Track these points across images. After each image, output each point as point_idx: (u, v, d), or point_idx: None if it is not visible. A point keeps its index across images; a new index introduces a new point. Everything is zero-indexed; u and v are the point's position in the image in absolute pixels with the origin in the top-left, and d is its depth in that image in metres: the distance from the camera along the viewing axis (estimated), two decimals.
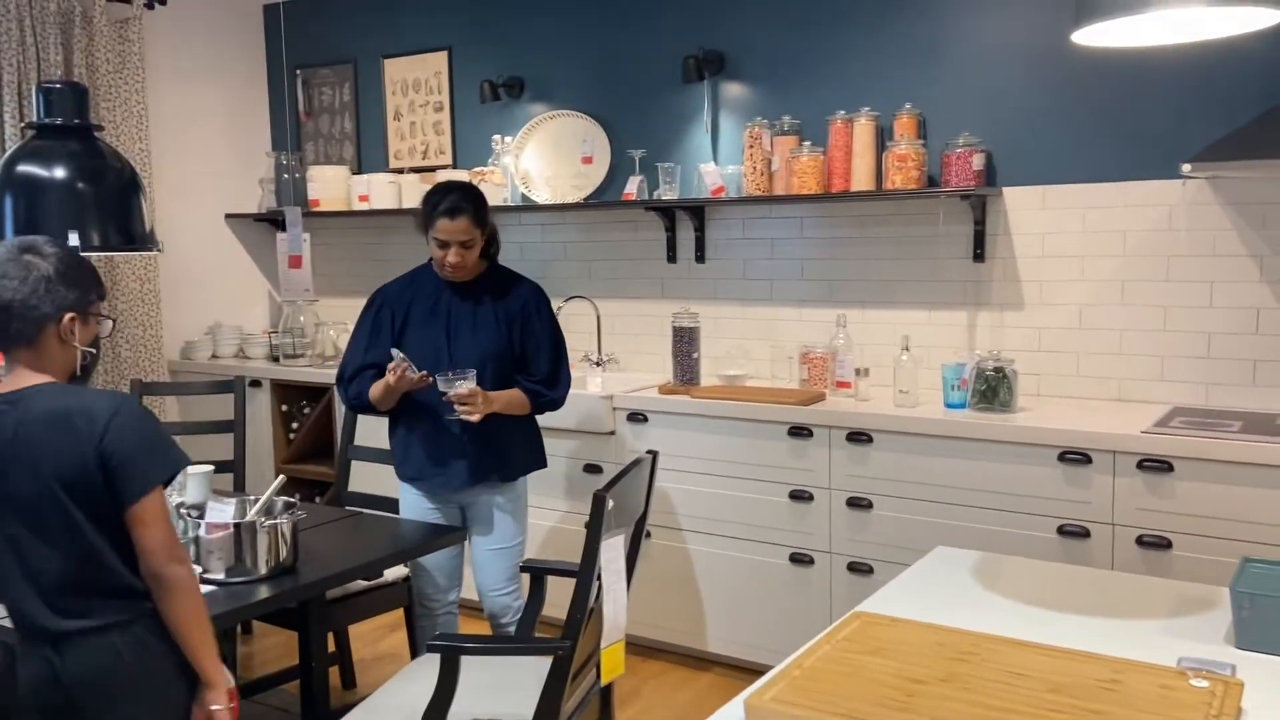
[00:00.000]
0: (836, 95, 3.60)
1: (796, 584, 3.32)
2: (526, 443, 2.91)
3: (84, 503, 1.71)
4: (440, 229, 2.70)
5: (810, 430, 3.25)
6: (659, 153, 3.98)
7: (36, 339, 1.75)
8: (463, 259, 2.74)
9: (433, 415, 2.74)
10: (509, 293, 2.86)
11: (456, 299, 2.82)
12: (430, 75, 4.60)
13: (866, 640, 1.54)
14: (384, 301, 2.86)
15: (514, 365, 2.84)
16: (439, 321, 2.80)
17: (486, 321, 2.81)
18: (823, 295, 3.74)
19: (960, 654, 1.49)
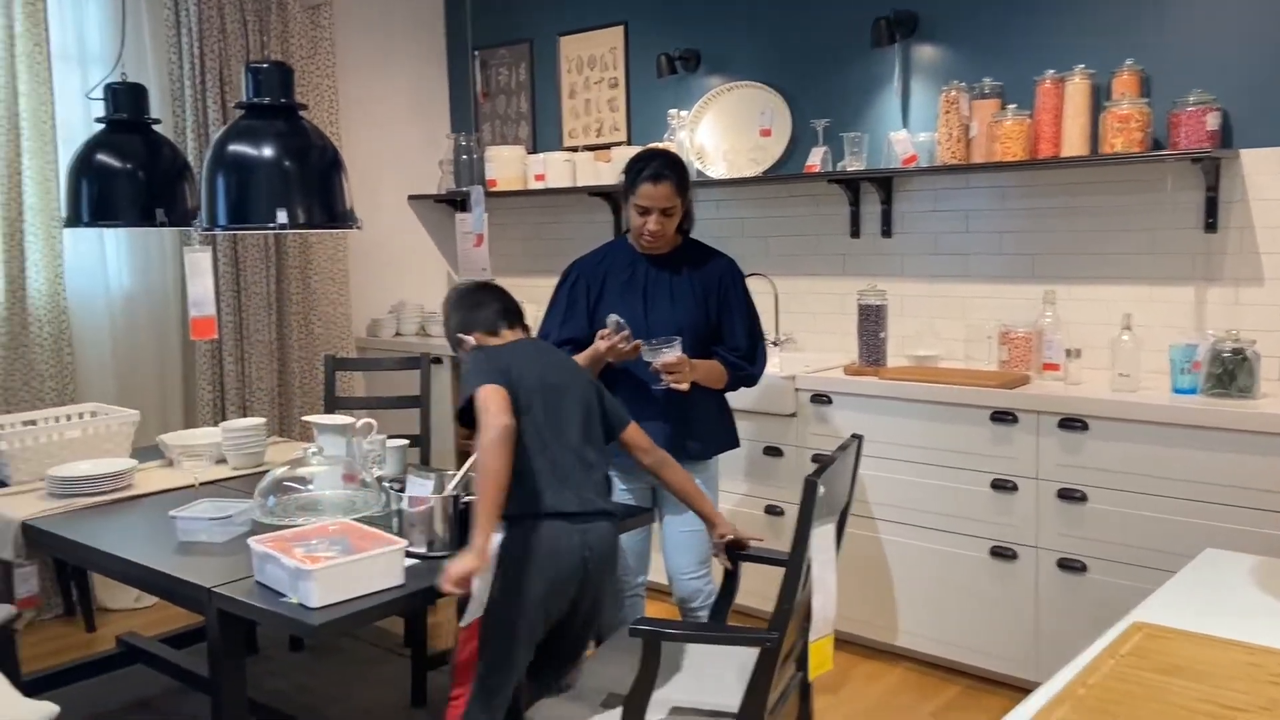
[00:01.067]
0: (1045, 54, 3.33)
1: (997, 579, 3.11)
2: (721, 421, 2.83)
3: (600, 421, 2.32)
4: (643, 194, 2.65)
5: (1015, 415, 3.02)
6: (844, 122, 3.80)
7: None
8: (662, 227, 2.67)
9: (629, 390, 2.67)
10: (705, 266, 2.79)
11: (653, 270, 2.76)
12: (605, 51, 4.55)
13: (1156, 656, 1.35)
14: (579, 274, 2.81)
15: (711, 339, 2.77)
16: (635, 292, 2.74)
17: (683, 293, 2.75)
18: (1024, 271, 3.48)
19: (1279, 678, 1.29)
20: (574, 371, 2.36)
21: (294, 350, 4.49)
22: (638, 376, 2.66)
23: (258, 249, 4.30)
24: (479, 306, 2.37)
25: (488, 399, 2.08)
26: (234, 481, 2.86)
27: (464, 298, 2.40)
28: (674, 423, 2.70)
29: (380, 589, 2.01)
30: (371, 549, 2.03)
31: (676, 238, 2.79)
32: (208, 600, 2.07)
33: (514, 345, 2.31)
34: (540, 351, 2.35)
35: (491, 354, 2.26)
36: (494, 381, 2.12)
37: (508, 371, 2.17)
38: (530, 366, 2.23)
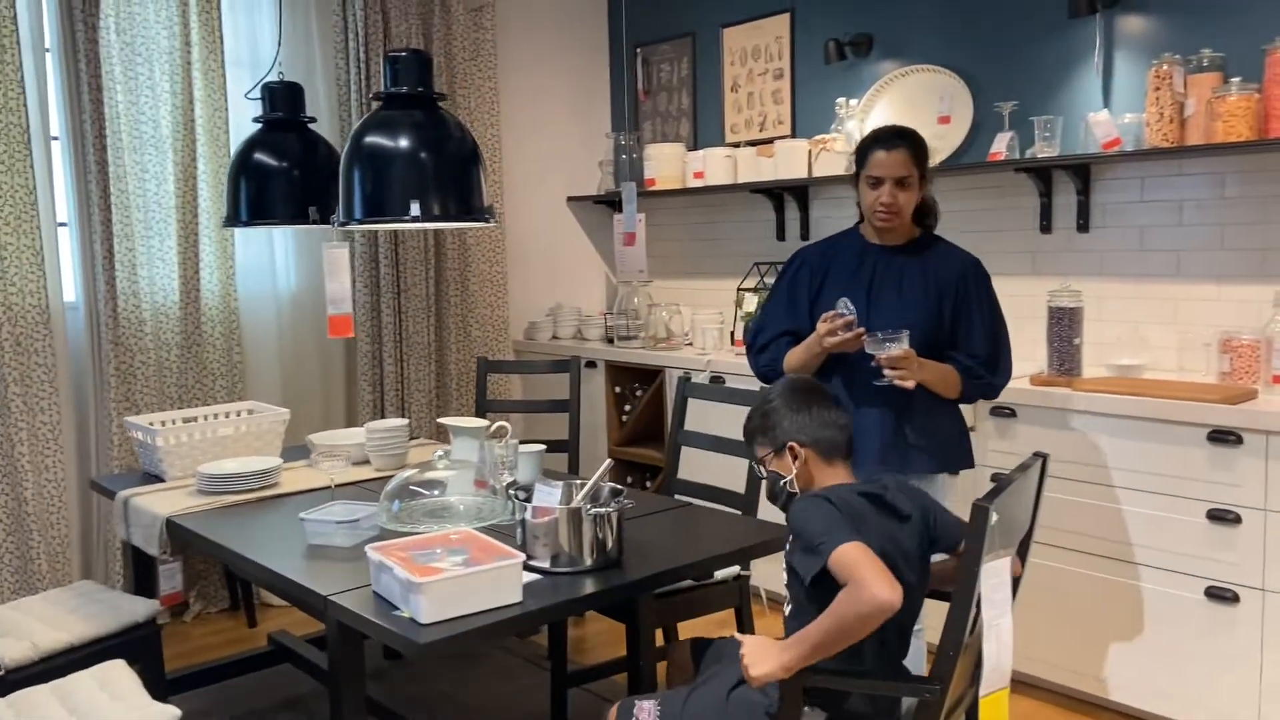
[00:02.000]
0: (1274, 18, 2.86)
1: (1215, 624, 2.67)
2: (953, 434, 2.55)
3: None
4: (874, 163, 2.45)
5: (1238, 435, 2.58)
6: (1033, 105, 3.41)
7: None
8: (896, 200, 2.44)
9: (850, 390, 2.48)
10: (943, 262, 2.54)
11: (882, 263, 2.53)
12: (770, 41, 4.31)
13: None
14: (803, 262, 2.63)
15: (944, 343, 2.51)
16: (860, 284, 2.51)
17: (914, 289, 2.50)
18: (1251, 269, 3.00)
19: None
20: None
21: (451, 353, 4.48)
22: (860, 368, 2.43)
23: (417, 251, 4.31)
24: (825, 424, 1.96)
25: (861, 561, 1.68)
26: (374, 483, 2.80)
27: (803, 398, 1.99)
28: (896, 427, 2.46)
29: (496, 605, 1.86)
30: (489, 562, 1.88)
31: (914, 228, 2.57)
32: (324, 608, 1.98)
33: (859, 495, 1.88)
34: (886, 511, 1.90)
35: (840, 498, 1.85)
36: (858, 540, 1.73)
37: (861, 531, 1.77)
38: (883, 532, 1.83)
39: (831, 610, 1.69)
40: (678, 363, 4.08)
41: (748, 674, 1.75)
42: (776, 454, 1.98)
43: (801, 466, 1.95)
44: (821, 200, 4.18)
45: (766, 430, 2.00)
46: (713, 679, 1.97)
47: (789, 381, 2.06)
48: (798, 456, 1.95)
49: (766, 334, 2.63)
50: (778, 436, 1.98)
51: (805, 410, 1.97)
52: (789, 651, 1.72)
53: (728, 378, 3.80)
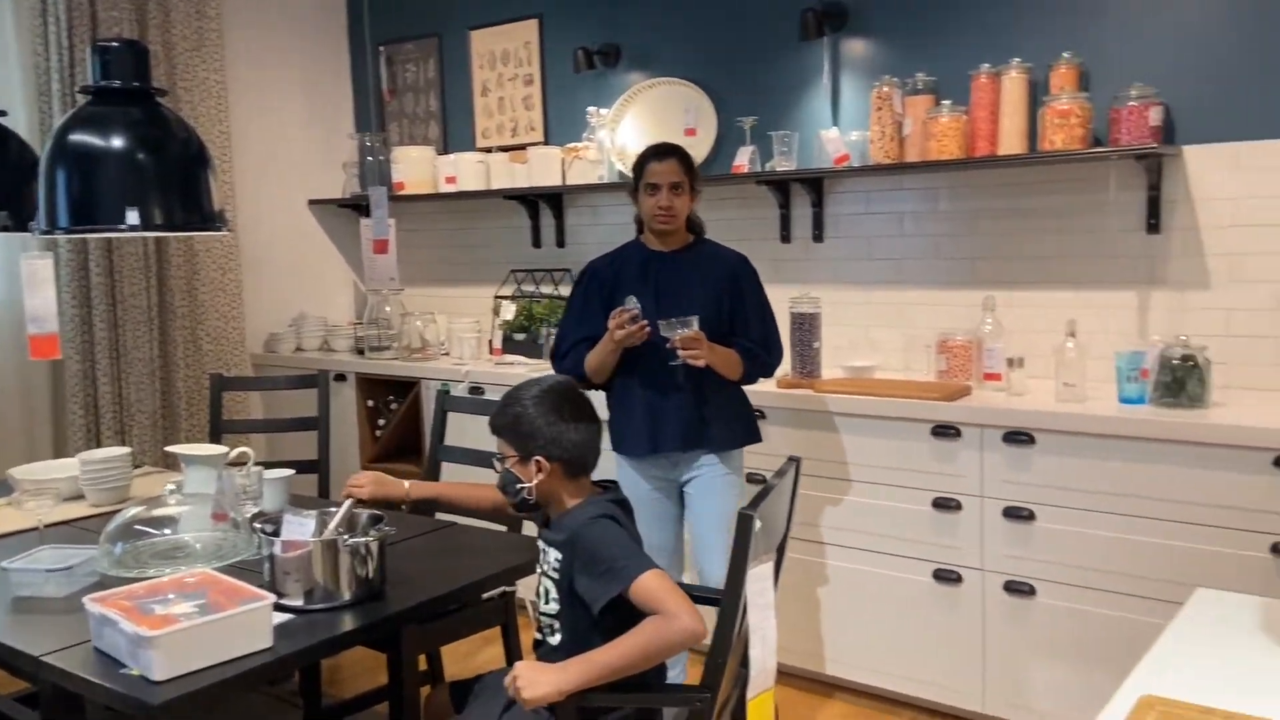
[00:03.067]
0: (979, 47, 3.16)
1: (942, 605, 2.91)
2: (742, 412, 2.82)
3: None
4: (650, 172, 2.70)
5: (958, 429, 2.83)
6: (772, 120, 3.59)
7: None
8: (673, 204, 2.70)
9: (648, 380, 2.71)
10: (718, 261, 2.81)
11: (666, 265, 2.77)
12: (520, 46, 4.28)
13: None
14: (593, 274, 2.85)
15: (725, 332, 2.75)
16: (649, 287, 2.74)
17: (696, 288, 2.75)
18: (963, 276, 3.31)
19: None
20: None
21: (179, 369, 4.11)
22: (657, 359, 2.65)
23: (135, 258, 3.92)
24: (578, 442, 1.90)
25: (670, 590, 1.70)
26: (92, 522, 2.50)
27: (559, 407, 1.92)
28: (694, 411, 2.70)
29: (243, 654, 1.70)
30: (232, 607, 1.72)
31: (688, 235, 2.82)
32: (35, 671, 1.74)
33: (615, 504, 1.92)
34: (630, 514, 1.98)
35: (622, 518, 1.87)
36: (657, 568, 1.75)
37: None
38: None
39: (637, 638, 1.68)
40: (434, 374, 3.96)
41: (520, 696, 1.70)
42: (521, 460, 1.91)
43: (545, 479, 1.90)
44: (577, 208, 4.20)
45: (516, 434, 1.92)
46: (480, 708, 1.91)
47: (547, 386, 1.96)
48: (543, 470, 1.90)
49: (566, 342, 2.82)
50: (526, 446, 1.90)
51: (559, 422, 1.90)
52: (568, 674, 1.69)
53: (487, 388, 3.73)
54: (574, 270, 4.19)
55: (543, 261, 4.29)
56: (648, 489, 2.77)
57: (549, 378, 2.01)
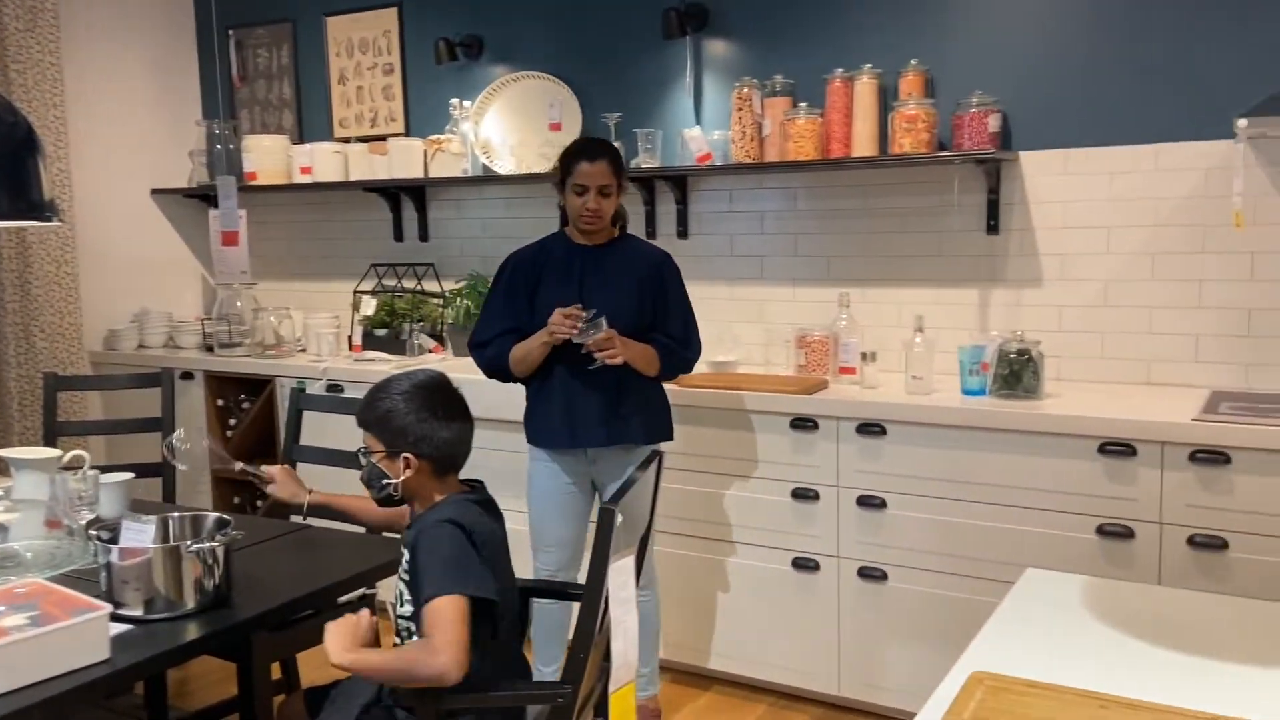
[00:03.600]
0: (833, 52, 3.27)
1: (801, 592, 3.00)
2: (660, 407, 2.83)
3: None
4: (580, 173, 2.65)
5: (815, 422, 2.93)
6: (636, 118, 3.62)
7: None
8: (600, 207, 2.67)
9: (568, 374, 2.69)
10: (641, 258, 2.80)
11: (590, 262, 2.75)
12: (379, 34, 4.18)
13: (1007, 717, 1.19)
14: (515, 265, 2.80)
15: (646, 327, 2.75)
16: (572, 282, 2.72)
17: (619, 283, 2.73)
18: (819, 273, 3.41)
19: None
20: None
21: (11, 368, 3.85)
22: (577, 352, 2.63)
23: None
24: (450, 441, 1.87)
25: (451, 624, 1.66)
26: None
27: (431, 403, 1.87)
28: (612, 406, 2.70)
29: (78, 667, 1.61)
30: (65, 618, 1.62)
31: (613, 230, 2.80)
32: None
33: (475, 505, 1.87)
34: (493, 513, 1.94)
35: (471, 522, 1.80)
36: (473, 592, 1.71)
37: (491, 571, 1.77)
38: (498, 549, 1.87)
39: (399, 657, 1.71)
40: (290, 371, 3.83)
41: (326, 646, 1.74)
42: (389, 456, 1.87)
43: (412, 475, 1.87)
44: (440, 201, 4.13)
45: (385, 429, 1.87)
46: (335, 714, 1.86)
47: (419, 381, 1.90)
48: (411, 467, 1.86)
49: (489, 331, 2.78)
50: (395, 442, 1.86)
51: (431, 419, 1.85)
52: (346, 657, 1.71)
53: (347, 386, 3.63)
54: (438, 264, 4.13)
55: (405, 256, 4.20)
56: (563, 482, 2.77)
57: (420, 372, 1.95)
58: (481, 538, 1.80)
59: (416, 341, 3.87)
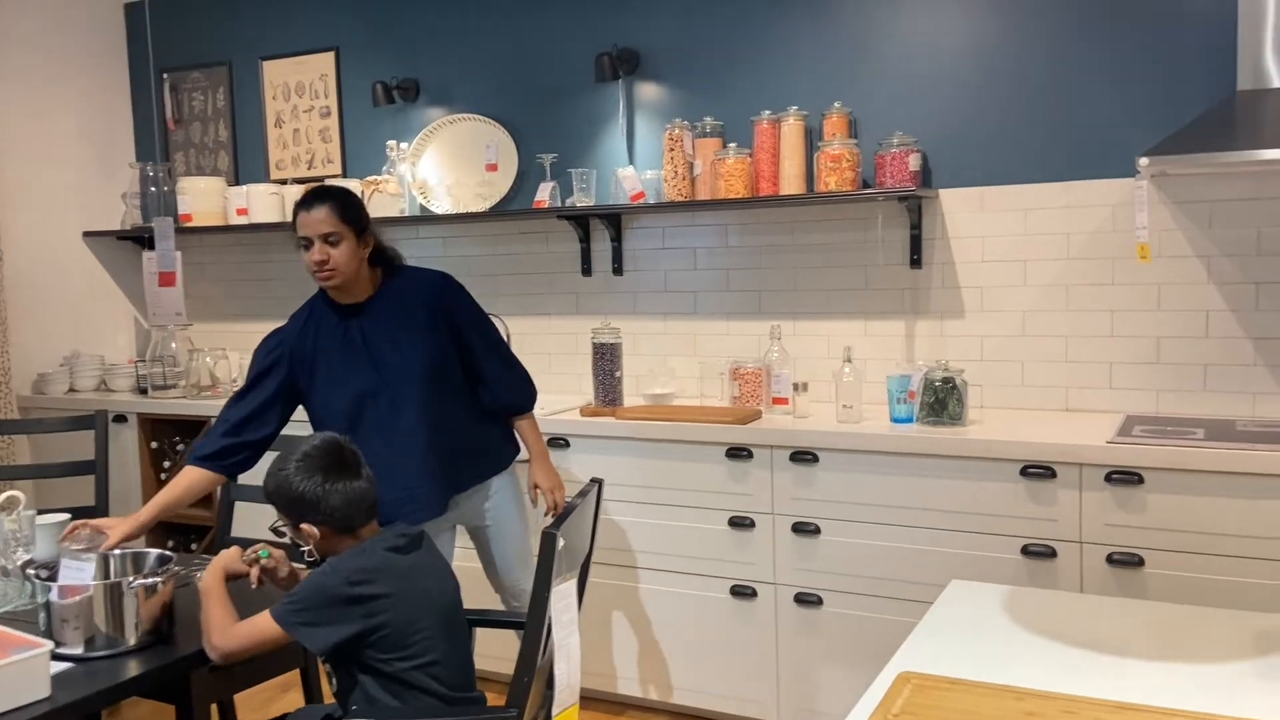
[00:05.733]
0: (761, 94, 3.40)
1: (739, 619, 3.06)
2: (494, 437, 2.66)
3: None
4: (300, 224, 2.40)
5: (750, 451, 3.00)
6: (571, 158, 3.70)
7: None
8: (329, 257, 2.37)
9: (393, 444, 2.45)
10: (416, 292, 2.53)
11: (366, 321, 2.48)
12: (315, 78, 4.22)
13: (931, 712, 1.26)
14: (279, 345, 2.50)
15: (461, 365, 2.57)
16: (358, 356, 2.45)
17: (409, 333, 2.48)
18: (751, 307, 3.52)
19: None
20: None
21: None
22: (394, 424, 2.45)
23: None
24: (344, 501, 1.91)
25: (258, 638, 1.84)
26: None
27: (321, 469, 1.91)
28: (448, 458, 2.51)
29: (19, 705, 1.60)
30: (5, 656, 1.61)
31: (375, 274, 2.52)
32: None
33: (395, 551, 1.93)
34: (425, 549, 2.01)
35: (367, 570, 1.86)
36: (291, 633, 1.82)
37: (377, 608, 1.83)
38: (417, 584, 1.91)
39: (215, 613, 1.88)
40: None
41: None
42: (294, 526, 1.94)
43: (320, 540, 1.93)
44: None
45: (282, 502, 1.94)
46: None
47: (309, 449, 1.95)
48: (314, 535, 1.93)
49: (222, 415, 2.50)
50: (293, 513, 1.93)
51: (321, 486, 1.90)
52: (207, 584, 1.93)
53: None
54: None
55: None
56: (445, 538, 2.58)
57: (313, 438, 1.99)
58: (378, 575, 1.85)
59: None
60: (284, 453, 1.96)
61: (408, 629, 1.85)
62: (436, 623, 1.89)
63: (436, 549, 2.05)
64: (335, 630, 1.81)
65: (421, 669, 1.83)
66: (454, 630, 1.95)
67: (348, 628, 1.81)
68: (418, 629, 1.86)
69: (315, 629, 1.81)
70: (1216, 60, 2.83)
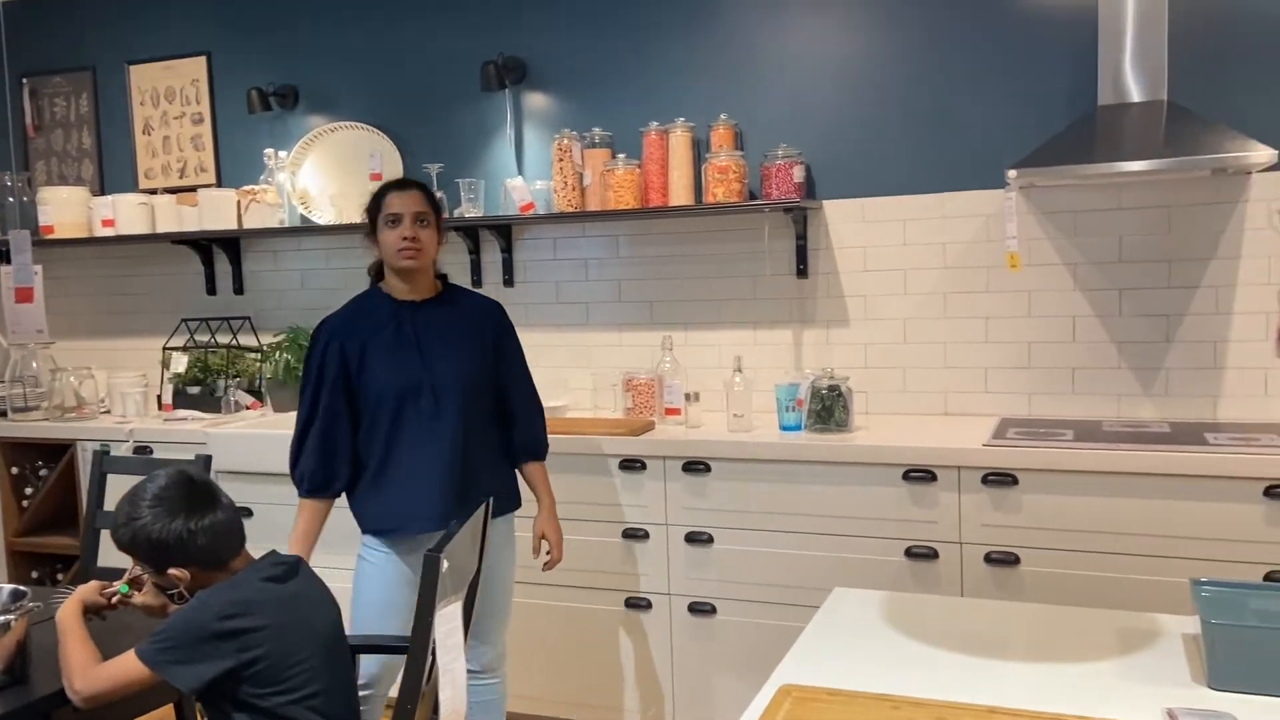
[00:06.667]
0: (649, 106, 3.41)
1: (634, 631, 3.04)
2: (513, 481, 2.58)
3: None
4: (391, 202, 2.39)
5: (643, 462, 3.00)
6: (459, 168, 3.65)
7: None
8: (419, 237, 2.38)
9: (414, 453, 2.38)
10: (474, 310, 2.53)
11: (420, 317, 2.43)
12: (187, 84, 4.05)
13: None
14: (329, 339, 2.40)
15: (496, 387, 2.53)
16: (408, 347, 2.39)
17: (460, 340, 2.45)
18: (643, 317, 3.52)
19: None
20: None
21: None
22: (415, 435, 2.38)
23: None
24: (205, 544, 1.81)
25: (122, 679, 1.74)
26: None
27: (173, 510, 1.81)
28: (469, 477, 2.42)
29: None
30: None
31: (437, 283, 2.51)
32: None
33: (269, 581, 1.83)
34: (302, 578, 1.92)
35: (238, 604, 1.76)
36: (155, 671, 1.72)
37: (252, 641, 1.74)
38: (295, 614, 1.82)
39: (73, 652, 1.78)
40: (92, 434, 3.60)
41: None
42: (158, 572, 1.84)
43: (190, 580, 1.84)
44: (256, 253, 4.02)
45: (139, 550, 1.82)
46: None
47: (158, 489, 1.83)
48: (182, 579, 1.83)
49: (311, 440, 2.39)
50: (156, 560, 1.82)
51: (181, 527, 1.80)
52: (63, 619, 1.85)
53: (155, 447, 3.45)
54: (255, 318, 4.00)
55: (219, 309, 4.05)
56: (407, 578, 2.38)
57: (160, 475, 1.88)
58: (253, 607, 1.77)
59: (233, 398, 3.73)
60: (129, 497, 1.84)
61: (286, 662, 1.78)
62: (318, 653, 1.82)
63: (315, 575, 1.97)
64: (207, 667, 1.73)
65: (301, 703, 1.76)
66: (336, 659, 1.88)
67: (220, 664, 1.73)
68: (297, 661, 1.79)
69: (185, 667, 1.72)
70: (1080, 76, 2.96)
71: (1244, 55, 2.82)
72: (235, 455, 3.31)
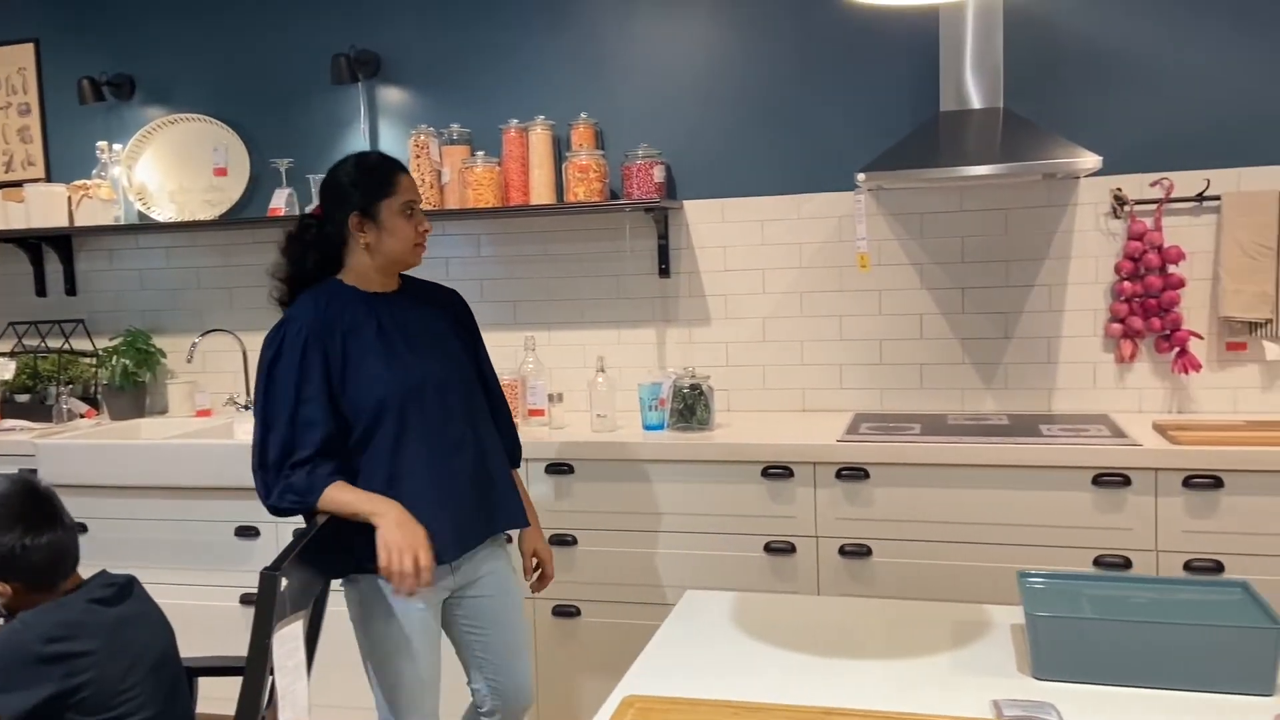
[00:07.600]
0: (508, 103, 3.37)
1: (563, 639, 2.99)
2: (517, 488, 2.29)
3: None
4: (405, 187, 2.06)
5: None
6: (310, 163, 3.51)
7: None
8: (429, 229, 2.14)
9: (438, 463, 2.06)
10: (442, 299, 2.26)
11: (397, 311, 2.11)
12: (13, 71, 3.78)
13: None
14: (313, 331, 2.00)
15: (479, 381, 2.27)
16: (395, 344, 2.07)
17: (442, 332, 2.18)
18: (506, 317, 3.47)
19: None
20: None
21: None
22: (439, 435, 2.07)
23: None
24: (36, 561, 1.71)
25: None
26: None
27: (25, 519, 1.71)
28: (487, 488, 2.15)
29: None
30: None
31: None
32: None
33: (94, 604, 1.70)
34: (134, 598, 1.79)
35: (60, 629, 1.64)
36: (22, 686, 1.61)
37: (78, 667, 1.62)
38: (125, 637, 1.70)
39: None
40: None
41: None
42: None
43: (12, 598, 1.73)
44: (90, 252, 3.78)
45: None
46: None
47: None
48: (5, 593, 1.73)
49: (283, 441, 1.96)
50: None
51: (16, 540, 1.71)
52: None
53: None
54: (89, 320, 3.77)
55: (50, 312, 3.79)
56: (420, 610, 2.07)
57: (0, 481, 1.77)
58: (79, 630, 1.68)
59: (66, 406, 3.50)
60: None
61: (113, 688, 1.67)
62: (147, 678, 1.72)
63: (148, 597, 1.86)
64: (29, 694, 1.61)
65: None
66: (168, 684, 1.78)
67: (43, 690, 1.61)
68: (125, 687, 1.68)
69: (4, 695, 1.60)
70: (923, 83, 3.06)
71: (1072, 68, 2.98)
72: (68, 466, 3.11)
